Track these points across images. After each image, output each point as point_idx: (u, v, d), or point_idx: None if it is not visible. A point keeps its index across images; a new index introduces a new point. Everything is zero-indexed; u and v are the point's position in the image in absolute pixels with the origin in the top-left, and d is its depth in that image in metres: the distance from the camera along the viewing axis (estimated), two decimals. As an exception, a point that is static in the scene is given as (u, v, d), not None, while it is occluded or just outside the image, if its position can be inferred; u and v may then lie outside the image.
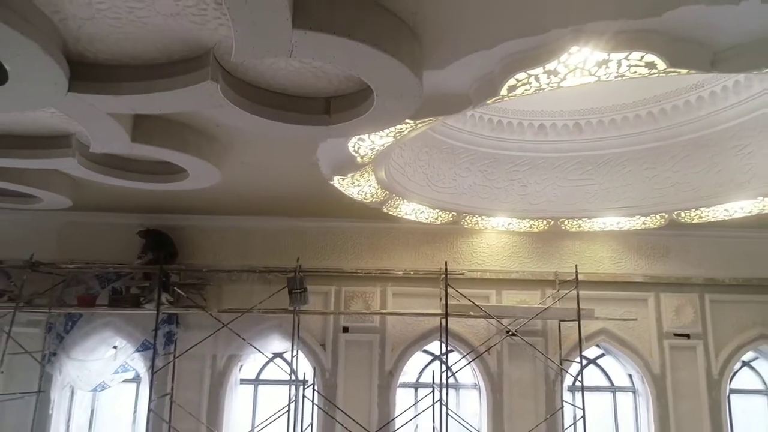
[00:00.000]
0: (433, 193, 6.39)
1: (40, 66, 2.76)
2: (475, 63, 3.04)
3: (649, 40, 2.70)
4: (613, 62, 2.82)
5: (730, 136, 5.75)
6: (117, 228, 7.16)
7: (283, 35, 2.39)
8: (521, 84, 3.04)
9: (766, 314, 7.34)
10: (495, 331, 7.10)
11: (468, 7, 2.61)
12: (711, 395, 7.13)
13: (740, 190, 5.82)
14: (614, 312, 7.21)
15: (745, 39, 2.80)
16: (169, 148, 4.03)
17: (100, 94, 3.08)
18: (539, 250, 7.38)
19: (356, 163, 4.52)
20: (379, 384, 7.14)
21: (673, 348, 7.26)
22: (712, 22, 2.65)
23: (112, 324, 7.19)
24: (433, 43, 2.88)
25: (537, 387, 7.14)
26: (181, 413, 6.81)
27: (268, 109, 3.35)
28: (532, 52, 2.86)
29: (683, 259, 7.36)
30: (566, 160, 6.62)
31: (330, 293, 7.30)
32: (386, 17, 2.59)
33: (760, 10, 2.53)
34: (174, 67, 3.01)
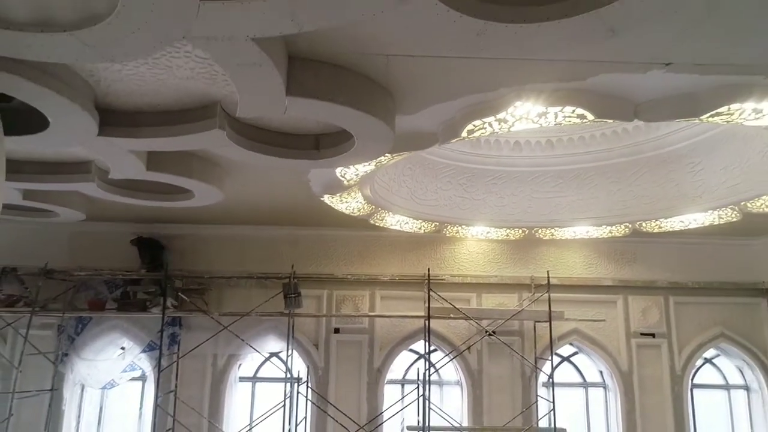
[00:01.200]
0: (416, 205, 7.00)
1: (77, 118, 3.36)
2: (439, 111, 3.67)
3: (579, 98, 3.33)
4: (550, 114, 3.45)
5: (685, 154, 6.37)
6: (124, 237, 7.72)
7: (278, 100, 3.01)
8: (478, 129, 3.66)
9: (725, 315, 8.00)
10: (475, 331, 7.72)
11: (434, 68, 3.21)
12: (674, 390, 7.80)
13: (693, 204, 6.46)
14: (586, 313, 7.84)
15: (659, 95, 3.43)
16: (178, 175, 4.64)
17: (123, 137, 3.68)
18: (516, 256, 8.01)
19: (343, 185, 5.14)
20: (368, 381, 7.77)
21: (640, 346, 7.92)
22: (629, 83, 3.28)
23: (120, 326, 7.78)
24: (404, 96, 3.49)
25: (514, 383, 7.78)
26: (184, 408, 7.41)
27: (265, 146, 3.96)
28: (485, 104, 3.49)
29: (649, 264, 8.01)
30: (539, 174, 7.23)
31: (322, 297, 7.92)
32: (362, 80, 3.20)
33: (664, 76, 3.16)
34: (187, 114, 3.62)
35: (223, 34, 2.38)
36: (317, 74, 3.02)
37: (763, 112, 3.37)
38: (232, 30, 2.34)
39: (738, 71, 3.09)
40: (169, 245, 7.72)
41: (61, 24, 2.36)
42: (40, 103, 3.17)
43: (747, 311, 8.05)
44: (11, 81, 2.88)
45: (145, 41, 2.40)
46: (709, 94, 3.31)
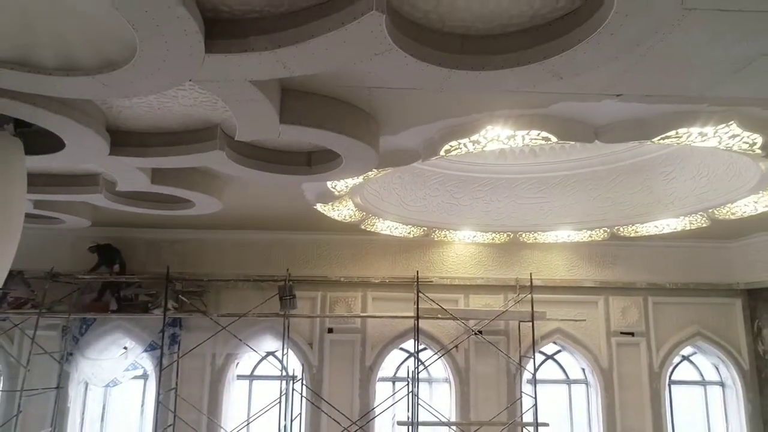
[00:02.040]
0: (405, 211, 7.40)
1: (90, 140, 3.74)
2: (419, 132, 4.06)
3: (543, 122, 3.72)
4: (518, 136, 3.84)
5: (659, 163, 6.77)
6: (125, 241, 8.10)
7: (273, 128, 3.40)
8: (454, 148, 4.06)
9: (701, 314, 8.43)
10: (462, 330, 8.12)
11: (412, 98, 3.60)
12: (652, 386, 8.22)
13: (666, 210, 6.87)
14: (568, 313, 8.26)
15: (615, 120, 3.83)
16: (180, 188, 5.02)
17: (131, 156, 4.07)
18: (501, 259, 8.42)
19: (334, 196, 5.53)
20: (360, 378, 8.18)
21: (620, 345, 8.34)
22: (587, 110, 3.67)
23: (122, 327, 8.15)
24: (386, 120, 3.89)
25: (499, 380, 8.20)
26: (184, 405, 7.80)
27: (261, 162, 4.35)
28: (460, 127, 3.89)
29: (629, 267, 8.43)
30: (523, 181, 7.62)
31: (316, 298, 8.31)
32: (348, 108, 3.59)
33: (617, 104, 3.56)
34: (190, 136, 4.00)
35: (224, 78, 2.77)
36: (307, 104, 3.41)
37: (708, 136, 3.78)
38: (232, 75, 2.73)
39: (682, 101, 3.49)
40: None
41: (84, 69, 2.74)
42: (59, 129, 3.55)
43: (722, 311, 8.47)
44: (35, 112, 3.26)
45: (156, 84, 2.79)
46: (659, 120, 3.72)
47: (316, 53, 2.48)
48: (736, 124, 3.62)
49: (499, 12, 2.51)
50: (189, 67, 2.60)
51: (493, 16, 2.55)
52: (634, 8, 2.18)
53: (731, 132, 3.71)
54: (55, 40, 2.59)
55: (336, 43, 2.39)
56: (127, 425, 8.51)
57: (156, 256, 8.12)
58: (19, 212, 3.57)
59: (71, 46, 2.62)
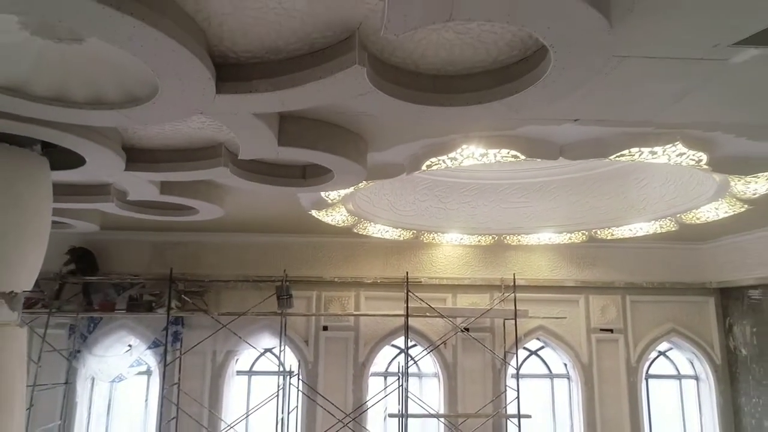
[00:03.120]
0: (395, 215, 7.88)
1: (109, 158, 4.20)
2: (403, 149, 4.55)
3: (511, 142, 4.21)
4: (490, 154, 4.33)
5: (632, 170, 7.27)
6: (130, 244, 8.59)
7: (272, 149, 3.88)
8: (435, 164, 4.55)
9: (676, 312, 8.95)
10: (450, 328, 8.62)
11: (396, 121, 4.08)
12: (629, 380, 8.74)
13: (639, 214, 7.38)
14: (551, 311, 8.77)
15: (577, 139, 4.32)
16: (186, 197, 5.50)
17: (144, 171, 4.54)
18: (487, 260, 8.92)
19: (327, 203, 6.01)
20: (353, 373, 8.66)
21: (599, 341, 8.86)
22: (551, 131, 4.17)
23: (127, 326, 8.62)
24: (373, 139, 4.37)
25: (485, 375, 8.70)
26: (187, 399, 8.27)
27: (261, 176, 4.83)
28: (439, 146, 4.37)
29: (608, 267, 8.94)
30: (507, 186, 8.11)
31: (312, 298, 8.80)
32: (338, 130, 4.07)
33: (576, 128, 4.05)
34: (197, 153, 4.47)
35: (230, 112, 3.25)
36: (302, 128, 3.89)
37: (658, 154, 4.27)
38: (238, 109, 3.21)
39: (632, 125, 3.98)
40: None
41: (110, 103, 3.22)
42: (81, 149, 4.02)
43: (696, 309, 9.00)
44: (62, 136, 3.72)
45: (171, 116, 3.26)
46: (615, 140, 4.21)
47: (309, 94, 2.96)
48: (681, 144, 4.11)
49: (463, 59, 2.99)
50: (201, 104, 3.08)
51: (458, 61, 3.03)
52: (570, 62, 2.66)
53: (678, 151, 4.21)
54: (88, 82, 3.06)
55: (326, 86, 2.87)
56: (132, 419, 8.98)
57: (159, 258, 8.58)
58: (47, 223, 4.04)
59: (101, 86, 3.09)
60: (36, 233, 3.93)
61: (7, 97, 3.05)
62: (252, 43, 2.85)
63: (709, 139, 4.21)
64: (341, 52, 2.75)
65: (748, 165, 4.60)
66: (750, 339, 8.44)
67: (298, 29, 2.72)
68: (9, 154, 3.80)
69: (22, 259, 3.84)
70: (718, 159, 4.45)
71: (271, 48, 2.89)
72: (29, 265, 3.92)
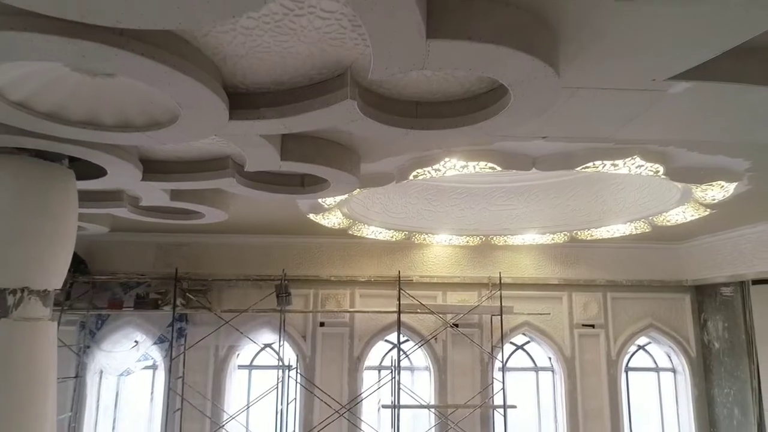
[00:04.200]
0: (388, 218, 8.40)
1: (128, 170, 4.71)
2: (393, 161, 5.08)
3: (488, 156, 4.75)
4: (470, 166, 4.86)
5: (610, 176, 7.79)
6: (136, 245, 9.09)
7: (275, 163, 4.39)
8: (421, 174, 5.08)
9: (654, 308, 9.52)
10: (440, 324, 9.16)
11: (385, 137, 4.59)
12: (609, 372, 9.31)
13: (616, 217, 7.92)
14: (535, 308, 9.31)
15: (548, 153, 4.86)
16: (193, 203, 6.01)
17: (158, 182, 5.05)
18: (475, 259, 9.46)
19: (324, 208, 6.53)
20: (348, 367, 9.20)
21: (581, 336, 9.41)
22: (524, 145, 4.70)
23: (134, 322, 9.13)
24: (365, 152, 4.89)
25: (473, 368, 9.25)
26: (191, 392, 8.79)
27: (263, 184, 5.34)
28: (424, 159, 4.90)
29: (589, 266, 9.50)
30: (494, 190, 8.63)
31: (309, 295, 9.32)
32: (334, 146, 4.59)
33: (546, 143, 4.58)
34: (206, 164, 4.98)
35: (239, 134, 3.77)
36: (301, 144, 4.41)
37: (619, 166, 4.81)
38: (246, 132, 3.73)
39: (594, 141, 4.52)
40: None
41: (136, 127, 3.73)
42: (104, 163, 4.52)
43: (672, 305, 9.57)
44: (88, 152, 4.23)
45: (189, 138, 3.78)
46: (581, 153, 4.74)
47: (309, 120, 3.48)
48: (639, 157, 4.65)
49: (440, 89, 3.52)
50: (215, 129, 3.60)
51: (437, 91, 3.56)
52: (528, 96, 3.19)
53: (637, 163, 4.75)
54: (117, 109, 3.57)
55: (324, 114, 3.39)
56: (138, 410, 9.49)
57: (164, 258, 9.09)
58: (73, 228, 4.55)
59: (128, 112, 3.61)
60: (65, 237, 4.44)
61: (47, 122, 3.55)
62: (260, 77, 3.36)
63: (664, 153, 4.75)
64: (336, 86, 3.27)
65: (701, 175, 5.14)
66: (722, 333, 9.01)
67: (299, 67, 3.25)
68: (41, 168, 4.30)
69: (54, 261, 4.35)
70: (674, 169, 5.00)
71: (276, 81, 3.41)
72: (59, 266, 4.43)
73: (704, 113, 3.86)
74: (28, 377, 4.03)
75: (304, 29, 2.81)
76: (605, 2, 2.55)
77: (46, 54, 2.65)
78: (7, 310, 4.03)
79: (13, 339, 4.04)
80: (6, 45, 2.55)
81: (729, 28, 2.72)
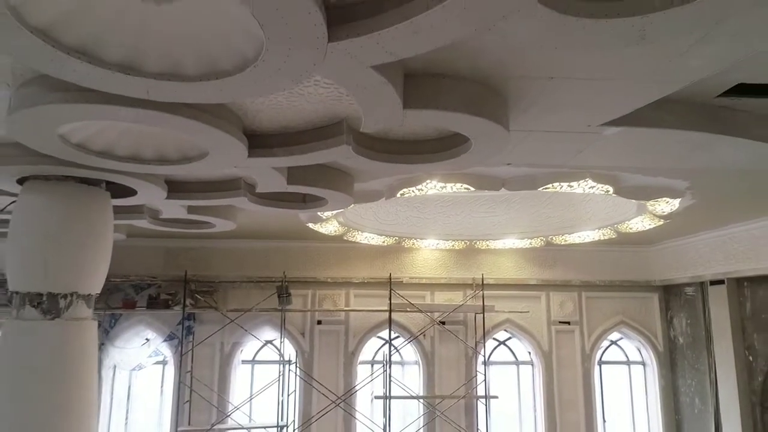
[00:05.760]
0: (380, 225, 9.28)
1: (155, 191, 5.56)
2: (382, 182, 5.95)
3: (464, 178, 5.63)
4: (448, 187, 5.74)
5: (580, 187, 8.71)
6: (148, 249, 9.91)
7: (282, 185, 5.26)
8: (406, 193, 5.95)
9: (625, 306, 10.46)
10: (428, 321, 10.06)
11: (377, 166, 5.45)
12: (584, 366, 10.24)
13: (586, 224, 8.83)
14: (516, 306, 10.22)
15: (515, 175, 5.74)
16: (207, 216, 6.87)
17: (179, 200, 5.90)
18: (460, 262, 10.36)
19: (322, 219, 7.41)
20: (344, 362, 10.09)
21: (558, 332, 10.34)
22: (493, 170, 5.57)
23: (145, 321, 9.97)
24: (357, 174, 5.76)
25: (459, 362, 10.16)
26: (198, 385, 9.65)
27: (270, 201, 6.20)
28: (408, 180, 5.79)
29: (566, 268, 10.41)
30: (477, 198, 9.47)
31: (308, 296, 10.19)
32: (332, 171, 5.45)
33: (513, 168, 5.46)
34: (222, 185, 5.83)
35: (255, 167, 4.64)
36: (305, 171, 5.27)
37: (574, 187, 5.71)
38: (261, 165, 4.59)
39: (551, 167, 5.41)
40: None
41: (170, 161, 4.58)
42: (136, 186, 5.37)
43: (642, 303, 10.51)
44: (124, 178, 5.07)
45: (214, 169, 4.64)
46: (542, 177, 5.63)
47: (313, 158, 4.35)
48: (590, 179, 5.55)
49: (418, 131, 4.40)
50: (236, 163, 4.46)
51: (417, 132, 4.44)
52: (485, 141, 4.06)
53: (589, 184, 5.64)
54: (156, 147, 4.43)
55: (328, 154, 4.27)
56: (148, 403, 10.34)
57: (174, 261, 9.92)
58: (110, 241, 5.40)
59: (164, 150, 4.46)
60: (104, 249, 5.29)
61: (99, 158, 4.40)
62: (273, 125, 4.23)
63: (612, 176, 5.66)
64: (335, 132, 4.14)
65: (647, 193, 6.05)
66: (685, 329, 9.96)
67: (306, 116, 4.11)
68: (84, 192, 5.14)
69: (95, 270, 5.20)
70: (622, 189, 5.90)
71: (286, 127, 4.28)
72: (99, 273, 5.28)
73: (635, 149, 4.77)
74: (77, 366, 4.88)
75: (311, 94, 3.68)
76: (538, 80, 3.44)
77: (115, 117, 3.50)
78: (60, 311, 4.88)
79: (65, 335, 4.89)
80: (87, 113, 3.42)
81: (634, 93, 3.62)
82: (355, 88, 3.13)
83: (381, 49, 2.64)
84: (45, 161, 4.62)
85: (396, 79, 3.16)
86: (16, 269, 4.91)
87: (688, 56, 2.98)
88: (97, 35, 2.66)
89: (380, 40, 2.52)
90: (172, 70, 2.91)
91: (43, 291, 4.82)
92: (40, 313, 4.81)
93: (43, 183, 5.01)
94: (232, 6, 2.41)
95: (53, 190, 5.00)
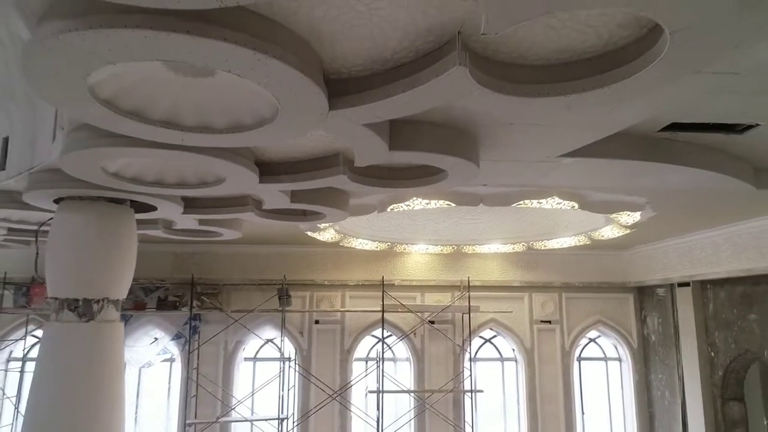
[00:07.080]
0: (373, 231, 10.07)
1: (173, 208, 6.33)
2: (374, 197, 6.74)
3: (446, 195, 6.42)
4: (431, 203, 6.53)
5: (558, 197, 9.51)
6: (156, 254, 10.66)
7: (285, 204, 6.05)
8: (397, 208, 6.75)
9: (602, 306, 11.30)
10: (419, 321, 10.86)
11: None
12: (563, 362, 11.07)
13: (564, 231, 9.65)
14: (500, 307, 11.03)
15: (492, 193, 6.53)
16: (216, 226, 7.65)
17: (193, 215, 6.69)
18: (449, 265, 11.17)
19: (320, 228, 8.19)
20: (340, 359, 10.89)
21: (540, 330, 11.17)
22: (473, 188, 6.37)
23: (154, 321, 10.74)
24: (352, 192, 6.54)
25: (447, 358, 10.97)
26: (204, 381, 10.42)
27: (274, 215, 6.99)
28: (397, 197, 6.57)
29: (547, 270, 11.23)
30: (463, 208, 10.20)
31: (306, 297, 10.98)
32: (330, 190, 6.24)
33: (488, 188, 6.26)
34: (232, 201, 6.61)
35: (266, 193, 5.43)
36: (306, 192, 6.05)
37: (544, 202, 6.52)
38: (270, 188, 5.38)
39: (523, 186, 6.21)
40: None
41: (190, 185, 5.36)
42: (156, 203, 6.15)
43: (618, 304, 11.35)
44: (148, 198, 5.85)
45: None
46: (514, 194, 6.44)
47: (314, 182, 5.14)
48: (557, 197, 6.36)
49: (403, 162, 5.20)
50: (248, 187, 5.24)
51: (401, 162, 5.23)
52: (458, 172, 4.85)
53: (556, 201, 6.45)
54: (178, 174, 5.21)
55: (327, 181, 5.05)
56: (158, 398, 11.11)
57: (181, 265, 10.68)
58: (134, 251, 6.17)
59: (185, 176, 5.24)
60: (129, 259, 6.07)
61: (131, 184, 5.17)
62: (280, 156, 5.01)
63: (577, 193, 6.47)
64: (333, 163, 4.93)
65: (609, 207, 6.87)
66: (657, 327, 10.81)
67: (308, 150, 4.89)
68: (113, 210, 5.91)
69: (122, 277, 5.98)
70: (586, 204, 6.72)
71: (291, 157, 5.06)
72: (125, 281, 6.06)
73: (591, 174, 5.58)
74: (108, 362, 5.67)
75: (313, 135, 4.46)
76: (501, 125, 4.24)
77: (151, 156, 4.28)
78: (93, 314, 5.66)
79: (98, 335, 5.67)
80: (129, 153, 4.20)
81: (578, 136, 4.43)
82: (350, 138, 3.93)
83: (370, 114, 3.43)
84: (80, 185, 5.39)
85: (383, 130, 3.95)
86: (56, 278, 5.68)
87: (612, 114, 3.79)
88: (146, 103, 3.45)
89: (369, 109, 3.32)
90: (204, 124, 3.70)
91: (79, 297, 5.61)
92: (76, 316, 5.59)
93: (78, 202, 5.78)
94: (254, 84, 3.20)
95: (86, 208, 5.77)
